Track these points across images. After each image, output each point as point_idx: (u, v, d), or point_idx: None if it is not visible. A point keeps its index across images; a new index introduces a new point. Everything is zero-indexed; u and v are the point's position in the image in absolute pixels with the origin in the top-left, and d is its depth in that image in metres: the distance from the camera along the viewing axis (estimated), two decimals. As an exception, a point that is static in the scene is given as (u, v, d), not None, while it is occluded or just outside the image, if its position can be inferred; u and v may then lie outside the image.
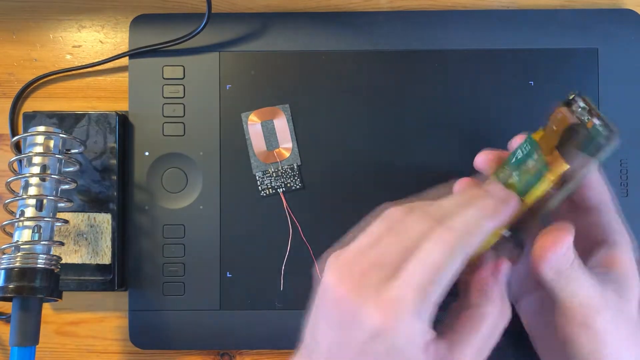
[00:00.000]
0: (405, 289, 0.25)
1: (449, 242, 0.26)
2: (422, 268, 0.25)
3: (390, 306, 0.25)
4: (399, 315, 0.25)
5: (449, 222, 0.27)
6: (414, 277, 0.25)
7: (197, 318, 0.43)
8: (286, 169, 0.44)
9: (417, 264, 0.26)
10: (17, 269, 0.37)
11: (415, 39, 0.44)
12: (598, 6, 0.45)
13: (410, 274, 0.25)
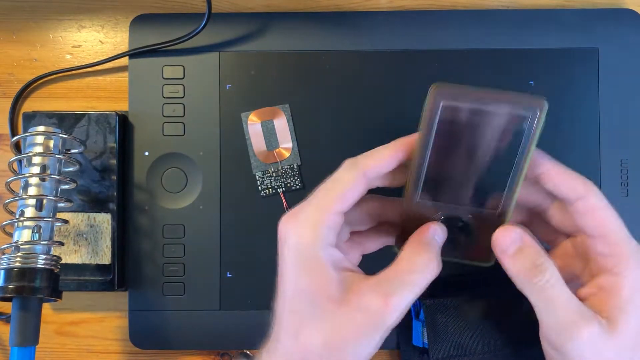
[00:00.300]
0: (306, 207, 0.31)
1: (346, 165, 0.32)
2: (322, 190, 0.31)
3: (295, 220, 0.31)
4: (300, 224, 0.31)
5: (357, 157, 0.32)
6: (314, 199, 0.31)
7: (197, 318, 0.43)
8: (286, 169, 0.44)
9: (319, 189, 0.31)
10: (17, 269, 0.37)
11: (415, 39, 0.44)
12: (598, 6, 0.45)
13: (313, 197, 0.31)
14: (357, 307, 0.29)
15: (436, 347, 0.40)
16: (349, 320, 0.29)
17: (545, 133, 0.43)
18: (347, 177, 0.31)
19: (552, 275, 0.30)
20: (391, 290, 0.29)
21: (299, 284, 0.30)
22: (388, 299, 0.29)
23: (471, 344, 0.40)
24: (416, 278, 0.30)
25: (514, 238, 0.31)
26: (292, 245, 0.31)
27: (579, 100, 0.43)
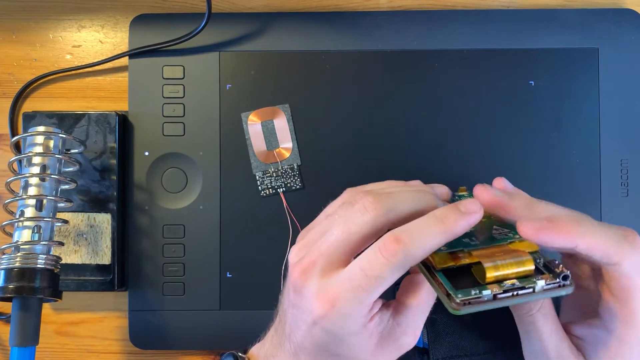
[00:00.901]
0: (341, 287, 0.27)
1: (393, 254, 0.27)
2: (361, 277, 0.27)
3: (327, 300, 0.27)
4: (335, 309, 0.27)
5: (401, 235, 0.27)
6: (353, 284, 0.27)
7: (197, 318, 0.43)
8: (286, 169, 0.44)
9: (357, 265, 0.27)
10: (17, 269, 0.37)
11: (415, 39, 0.44)
12: (598, 6, 0.45)
13: (350, 272, 0.28)
14: (392, 349, 0.30)
15: (436, 347, 0.40)
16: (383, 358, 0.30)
17: (546, 132, 0.43)
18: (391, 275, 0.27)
19: (542, 308, 0.30)
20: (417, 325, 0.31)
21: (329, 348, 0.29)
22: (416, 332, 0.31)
23: (471, 344, 0.40)
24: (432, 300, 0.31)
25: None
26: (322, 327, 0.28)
27: (579, 100, 0.43)
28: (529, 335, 0.31)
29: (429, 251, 0.27)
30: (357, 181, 0.36)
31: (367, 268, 0.27)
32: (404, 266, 0.27)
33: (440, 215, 0.27)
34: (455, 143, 0.43)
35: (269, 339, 0.33)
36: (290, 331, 0.31)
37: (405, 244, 0.27)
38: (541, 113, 0.43)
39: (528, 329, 0.31)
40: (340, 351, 0.29)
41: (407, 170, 0.43)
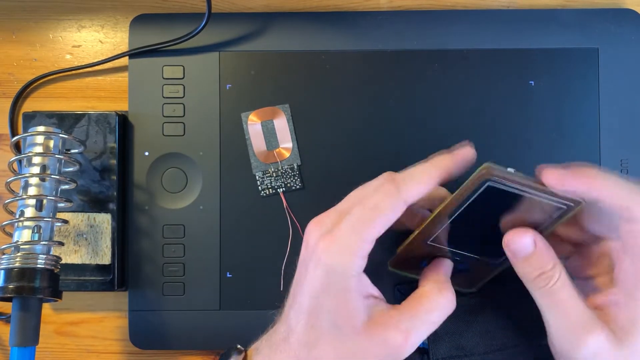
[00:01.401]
0: (344, 228, 0.30)
1: (388, 190, 0.30)
2: (361, 212, 0.30)
3: (330, 237, 0.30)
4: (335, 242, 0.30)
5: (396, 176, 0.31)
6: (353, 219, 0.30)
7: (197, 318, 0.43)
8: (286, 169, 0.44)
9: (358, 208, 0.30)
10: (17, 269, 0.37)
11: (415, 39, 0.44)
12: (598, 6, 0.45)
13: (351, 216, 0.30)
14: (378, 340, 0.30)
15: (436, 347, 0.40)
16: (368, 350, 0.30)
17: (546, 132, 0.43)
18: (388, 205, 0.30)
19: (560, 281, 0.30)
20: (412, 326, 0.30)
21: (324, 304, 0.31)
22: (408, 335, 0.30)
23: (471, 344, 0.40)
24: (437, 316, 0.31)
25: (526, 243, 0.31)
26: (324, 264, 0.30)
27: (579, 100, 0.43)
28: (552, 311, 0.31)
29: (422, 187, 0.30)
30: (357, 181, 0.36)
31: (365, 202, 0.30)
32: (399, 200, 0.30)
33: (429, 158, 0.31)
34: (455, 143, 0.43)
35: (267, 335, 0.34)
36: (294, 296, 0.32)
37: (398, 182, 0.31)
38: (541, 113, 0.43)
39: (550, 305, 0.31)
40: (333, 308, 0.30)
41: (407, 170, 0.43)
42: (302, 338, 0.31)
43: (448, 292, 0.32)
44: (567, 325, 0.30)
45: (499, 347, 0.40)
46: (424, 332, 0.31)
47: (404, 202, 0.30)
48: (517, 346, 0.40)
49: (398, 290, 0.42)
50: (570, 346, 0.30)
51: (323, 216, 0.32)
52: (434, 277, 0.33)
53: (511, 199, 0.31)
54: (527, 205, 0.31)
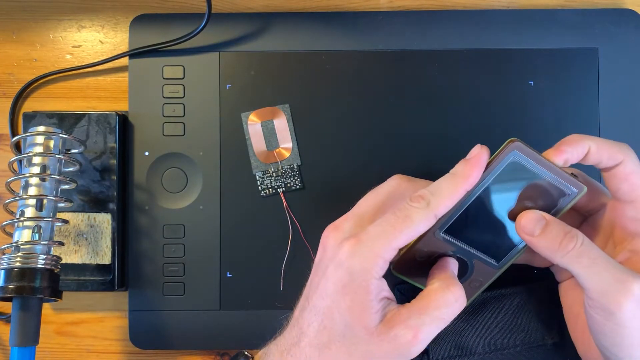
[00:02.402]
0: (372, 232, 0.31)
1: (419, 204, 0.31)
2: (394, 219, 0.31)
3: (356, 240, 0.31)
4: (362, 244, 0.31)
5: (424, 192, 0.32)
6: (383, 224, 0.31)
7: (197, 318, 0.43)
8: (286, 169, 0.44)
9: (389, 216, 0.31)
10: (17, 269, 0.37)
11: (415, 39, 0.44)
12: (598, 6, 0.45)
13: (382, 221, 0.31)
14: (387, 337, 0.30)
15: (436, 347, 0.40)
16: (378, 349, 0.30)
17: (546, 133, 0.43)
18: (421, 217, 0.31)
19: (584, 238, 0.31)
20: (421, 323, 0.30)
21: (340, 304, 0.31)
22: (417, 332, 0.30)
23: (471, 344, 0.40)
24: (445, 312, 0.31)
25: (537, 218, 0.32)
26: (346, 266, 0.31)
27: (579, 100, 0.43)
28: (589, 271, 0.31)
29: (450, 201, 0.31)
30: (357, 181, 0.36)
31: (397, 212, 0.31)
32: (430, 213, 0.31)
33: (452, 171, 0.32)
34: (456, 143, 0.43)
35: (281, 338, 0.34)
36: (308, 299, 0.32)
37: (427, 197, 0.31)
38: (541, 113, 0.43)
39: (585, 266, 0.31)
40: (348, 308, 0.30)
41: (407, 170, 0.43)
42: (314, 341, 0.31)
43: (456, 288, 0.32)
44: (607, 279, 0.30)
45: (499, 347, 0.40)
46: (433, 329, 0.31)
47: (435, 216, 0.31)
48: (517, 346, 0.40)
49: (398, 290, 0.42)
50: (614, 299, 0.30)
51: (341, 221, 0.33)
52: (441, 275, 0.33)
53: (528, 181, 0.33)
54: (539, 190, 0.33)
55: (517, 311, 0.40)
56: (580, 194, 0.33)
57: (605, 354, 0.32)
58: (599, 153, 0.33)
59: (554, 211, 0.33)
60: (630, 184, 0.32)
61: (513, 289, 0.40)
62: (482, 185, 0.33)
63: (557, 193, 0.33)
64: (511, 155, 0.32)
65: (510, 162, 0.32)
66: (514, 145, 0.32)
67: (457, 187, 0.32)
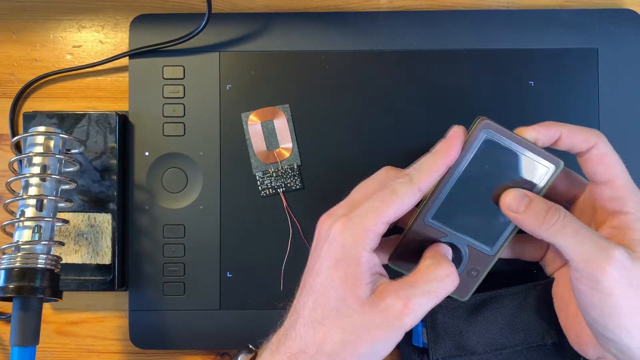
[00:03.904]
0: (362, 208, 0.32)
1: (403, 180, 0.33)
2: (381, 195, 0.32)
3: (347, 218, 0.32)
4: (352, 221, 0.32)
5: (408, 170, 0.33)
6: (371, 201, 0.32)
7: (197, 318, 0.43)
8: (286, 169, 0.44)
9: (377, 194, 0.33)
10: (18, 269, 0.37)
11: (415, 39, 0.44)
12: (598, 6, 0.45)
13: (370, 199, 0.33)
14: (378, 308, 0.31)
15: (436, 347, 0.40)
16: (370, 320, 0.31)
17: (545, 133, 0.43)
18: (406, 191, 0.32)
19: (566, 212, 0.32)
20: (412, 294, 0.31)
21: (333, 278, 0.32)
22: (408, 302, 0.31)
23: (471, 344, 0.40)
24: (437, 287, 0.32)
25: (520, 196, 0.33)
26: (338, 242, 0.32)
27: (579, 100, 0.43)
28: (572, 240, 0.32)
29: (432, 175, 0.33)
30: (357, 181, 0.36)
31: (384, 188, 0.33)
32: (414, 187, 0.32)
33: (433, 150, 0.34)
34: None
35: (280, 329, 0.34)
36: (305, 282, 0.33)
37: (411, 173, 0.33)
38: (541, 113, 0.43)
39: (569, 235, 0.32)
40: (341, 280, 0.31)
41: (407, 170, 0.43)
42: (308, 319, 0.32)
43: (447, 264, 0.32)
44: (590, 247, 0.31)
45: (498, 346, 0.40)
46: (424, 301, 0.31)
47: (418, 189, 0.32)
48: (517, 346, 0.40)
49: None
50: (598, 266, 0.31)
51: (334, 208, 0.34)
52: (432, 254, 0.34)
53: (504, 159, 0.34)
54: (517, 168, 0.34)
55: (516, 311, 0.40)
56: (558, 169, 0.34)
57: (597, 329, 0.33)
58: (571, 137, 0.34)
59: (535, 190, 0.34)
60: (605, 165, 0.34)
61: (513, 289, 0.40)
62: (461, 166, 0.34)
63: (535, 170, 0.34)
64: (483, 133, 0.33)
65: (484, 141, 0.33)
66: (484, 124, 0.33)
67: (438, 162, 0.33)
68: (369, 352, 0.31)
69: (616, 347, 0.32)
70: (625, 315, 0.31)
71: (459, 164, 0.34)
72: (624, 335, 0.32)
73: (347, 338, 0.31)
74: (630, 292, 0.31)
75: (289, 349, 0.32)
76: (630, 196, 0.34)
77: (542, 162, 0.34)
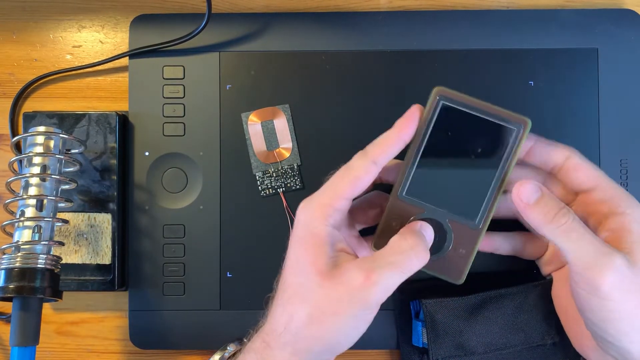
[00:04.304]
0: (321, 189, 0.33)
1: (358, 155, 0.33)
2: (337, 174, 0.33)
3: (308, 201, 0.33)
4: (314, 200, 0.33)
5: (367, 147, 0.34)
6: (329, 181, 0.33)
7: (197, 318, 0.43)
8: (286, 169, 0.44)
9: (336, 175, 0.33)
10: (18, 269, 0.37)
11: (415, 39, 0.44)
12: (598, 6, 0.45)
13: (329, 182, 0.33)
14: (339, 281, 0.31)
15: (436, 347, 0.40)
16: (332, 294, 0.31)
17: (546, 133, 0.43)
18: (358, 166, 0.33)
19: (574, 217, 0.32)
20: (374, 266, 0.31)
21: (297, 256, 0.32)
22: (370, 274, 0.30)
23: (471, 344, 0.40)
24: (400, 259, 0.31)
25: (534, 189, 0.33)
26: (300, 221, 0.33)
27: (579, 100, 0.43)
28: (576, 244, 0.32)
29: (385, 147, 0.33)
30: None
31: (344, 166, 0.34)
32: (367, 160, 0.33)
33: (394, 125, 0.34)
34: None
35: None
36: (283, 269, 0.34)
37: (367, 148, 0.34)
38: (541, 113, 0.43)
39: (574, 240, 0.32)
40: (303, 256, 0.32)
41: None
42: (279, 299, 0.33)
43: (412, 237, 0.32)
44: (592, 253, 0.31)
45: (498, 347, 0.40)
46: (387, 273, 0.31)
47: (372, 161, 0.33)
48: (517, 346, 0.40)
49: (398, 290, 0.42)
50: (597, 272, 0.31)
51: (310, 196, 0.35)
52: (404, 229, 0.34)
53: (466, 123, 0.33)
54: (482, 134, 0.34)
55: (516, 311, 0.40)
56: (525, 128, 0.34)
57: (598, 334, 0.33)
58: (546, 149, 0.34)
59: (507, 153, 0.34)
60: (587, 171, 0.34)
61: (513, 289, 0.40)
62: (423, 137, 0.34)
63: (500, 133, 0.34)
64: (438, 101, 0.33)
65: (441, 108, 0.33)
66: (437, 91, 0.33)
67: (391, 135, 0.33)
68: (335, 329, 0.31)
69: (616, 350, 0.32)
70: (625, 320, 0.31)
71: (422, 136, 0.34)
72: (624, 339, 0.32)
73: (312, 313, 0.31)
74: (629, 297, 0.31)
75: (263, 331, 0.33)
76: (621, 195, 0.34)
77: (506, 123, 0.34)
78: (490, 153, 0.34)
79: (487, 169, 0.34)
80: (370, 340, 0.43)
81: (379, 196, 0.38)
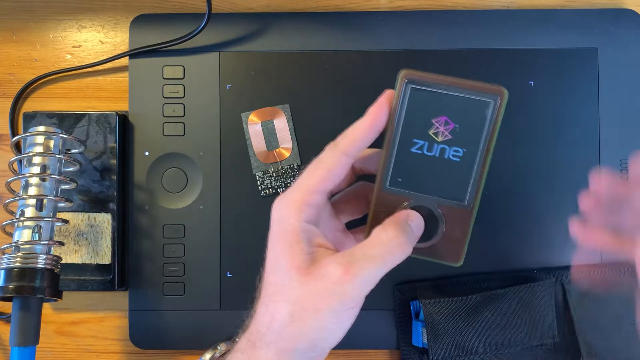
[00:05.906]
0: (292, 186, 0.33)
1: (329, 148, 0.32)
2: (308, 169, 0.32)
3: (281, 198, 0.32)
4: (286, 196, 0.32)
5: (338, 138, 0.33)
6: (300, 177, 0.33)
7: (197, 318, 0.43)
8: (286, 169, 0.44)
9: (307, 169, 0.33)
10: (17, 269, 0.37)
11: (415, 39, 0.44)
12: (598, 6, 0.45)
13: (301, 177, 0.33)
14: (318, 276, 0.30)
15: (436, 347, 0.40)
16: (311, 289, 0.30)
17: (546, 132, 0.43)
18: (328, 158, 0.32)
19: None
20: (353, 259, 0.30)
21: (276, 254, 0.32)
22: (348, 268, 0.30)
23: (471, 344, 0.40)
24: (379, 251, 0.30)
25: None
26: (274, 219, 0.32)
27: (579, 100, 0.43)
28: None
29: (355, 136, 0.32)
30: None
31: (315, 160, 0.33)
32: (337, 151, 0.32)
33: (365, 113, 0.33)
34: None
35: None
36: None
37: (337, 140, 0.32)
38: (541, 113, 0.43)
39: None
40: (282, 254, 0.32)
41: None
42: (262, 299, 0.32)
43: (392, 229, 0.31)
44: None
45: (498, 347, 0.40)
46: (367, 266, 0.30)
47: (342, 152, 0.32)
48: (517, 346, 0.40)
49: (398, 291, 0.42)
50: None
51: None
52: (386, 220, 0.33)
53: (437, 105, 0.32)
54: (458, 111, 0.32)
55: (517, 311, 0.40)
56: (502, 99, 0.32)
57: None
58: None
59: (487, 128, 0.32)
60: None
61: (513, 289, 0.41)
62: (397, 124, 0.32)
63: (475, 108, 0.32)
64: (406, 85, 0.32)
65: (411, 93, 0.32)
66: (404, 74, 0.32)
67: (362, 124, 0.32)
68: (317, 326, 0.30)
69: None
70: None
71: (396, 123, 0.32)
72: None
73: (293, 310, 0.30)
74: None
75: (248, 331, 0.32)
76: None
77: (481, 97, 0.32)
78: (469, 130, 0.32)
79: (469, 146, 0.33)
80: (370, 340, 0.43)
81: (364, 187, 0.37)
